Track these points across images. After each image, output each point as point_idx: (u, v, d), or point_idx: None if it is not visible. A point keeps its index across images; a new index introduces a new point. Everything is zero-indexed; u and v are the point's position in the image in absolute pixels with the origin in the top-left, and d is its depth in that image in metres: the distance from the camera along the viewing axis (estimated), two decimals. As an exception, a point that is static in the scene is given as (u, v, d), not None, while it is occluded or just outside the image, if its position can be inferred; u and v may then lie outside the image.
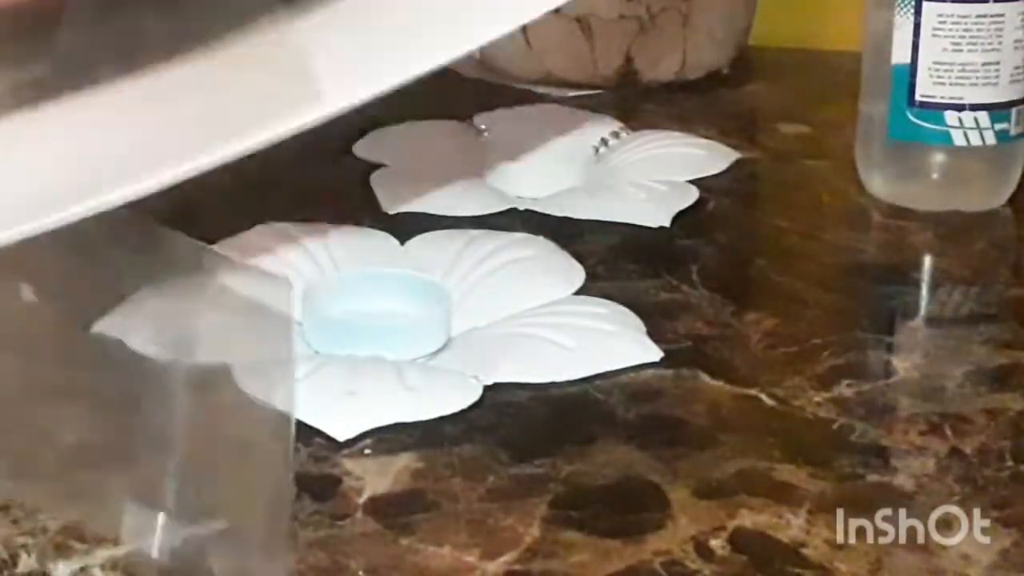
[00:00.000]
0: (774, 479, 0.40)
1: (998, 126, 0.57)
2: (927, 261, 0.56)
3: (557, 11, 0.74)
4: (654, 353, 0.46)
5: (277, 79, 0.38)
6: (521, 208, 0.57)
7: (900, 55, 0.57)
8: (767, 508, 0.38)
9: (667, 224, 0.56)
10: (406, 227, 0.56)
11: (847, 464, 0.40)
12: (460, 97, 0.75)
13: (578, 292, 0.50)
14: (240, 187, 0.63)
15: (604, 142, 0.65)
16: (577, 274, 0.51)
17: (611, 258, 0.54)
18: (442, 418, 0.42)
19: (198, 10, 0.38)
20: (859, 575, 0.35)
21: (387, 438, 0.41)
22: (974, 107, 0.57)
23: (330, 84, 0.36)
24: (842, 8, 0.78)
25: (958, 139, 0.57)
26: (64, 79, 0.36)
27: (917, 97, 0.57)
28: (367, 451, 0.41)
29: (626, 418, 0.43)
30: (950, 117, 0.57)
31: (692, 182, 0.60)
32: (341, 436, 0.41)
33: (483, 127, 0.66)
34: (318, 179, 0.63)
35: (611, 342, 0.46)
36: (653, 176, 0.60)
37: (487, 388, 0.44)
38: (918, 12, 0.56)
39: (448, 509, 0.38)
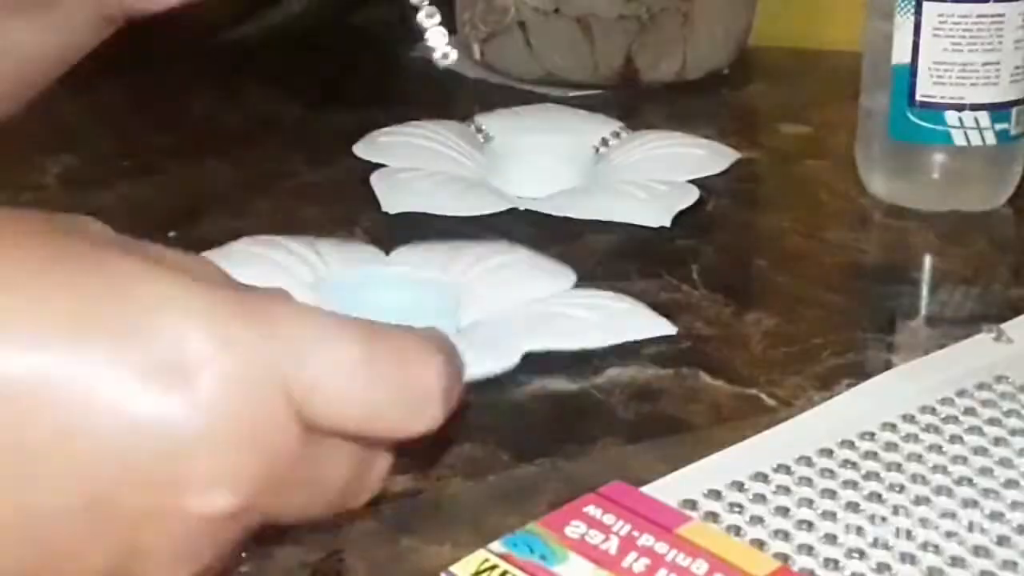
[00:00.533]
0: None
1: (998, 126, 0.57)
2: (927, 261, 0.56)
3: (557, 10, 0.75)
4: (668, 327, 0.48)
5: None
6: (521, 208, 0.57)
7: (900, 55, 0.57)
8: (767, 508, 0.38)
9: (667, 224, 0.56)
10: (406, 227, 0.56)
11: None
12: (460, 97, 0.75)
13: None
14: (240, 187, 0.63)
15: (604, 142, 0.65)
16: (568, 274, 0.51)
17: (611, 258, 0.54)
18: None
19: None
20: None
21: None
22: (974, 107, 0.57)
23: None
24: (842, 8, 0.78)
25: (958, 139, 0.57)
26: None
27: (917, 97, 0.57)
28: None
29: (626, 418, 0.43)
30: (950, 117, 0.57)
31: (692, 182, 0.60)
32: None
33: (483, 127, 0.66)
34: (318, 179, 0.63)
35: (628, 317, 0.48)
36: (653, 176, 0.60)
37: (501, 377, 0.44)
38: (918, 12, 0.56)
39: (448, 508, 0.38)
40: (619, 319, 0.48)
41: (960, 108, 0.57)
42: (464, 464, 0.40)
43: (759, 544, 0.35)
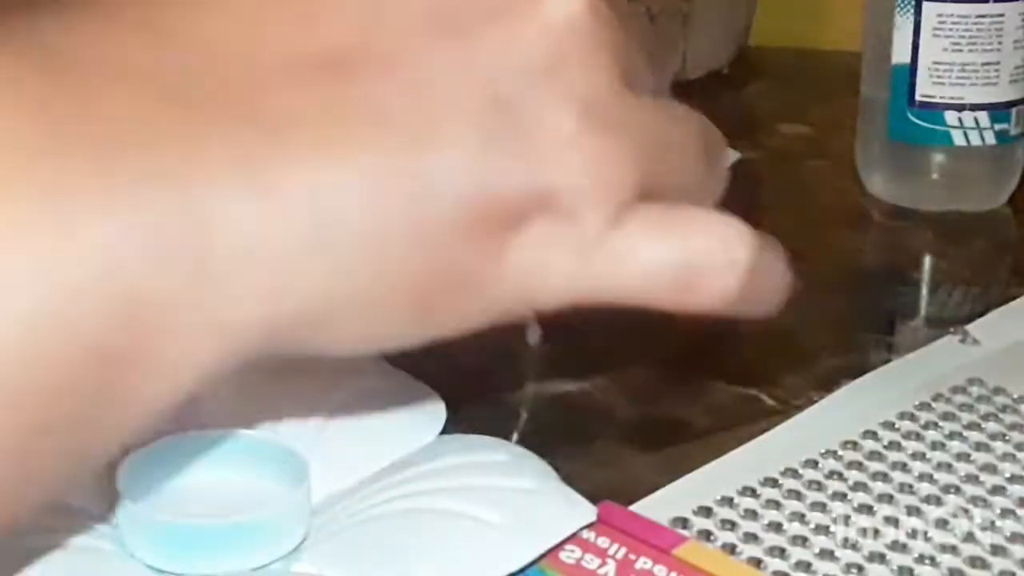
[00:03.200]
0: (774, 479, 0.39)
1: (998, 126, 0.57)
2: (927, 261, 0.56)
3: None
4: (588, 512, 0.35)
5: None
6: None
7: (900, 55, 0.57)
8: (767, 508, 0.38)
9: (667, 224, 0.56)
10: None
11: (847, 464, 0.40)
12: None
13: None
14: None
15: (604, 142, 0.65)
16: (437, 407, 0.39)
17: (611, 258, 0.54)
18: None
19: None
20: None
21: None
22: (974, 107, 0.57)
23: None
24: (842, 8, 0.78)
25: (958, 139, 0.57)
26: None
27: (917, 97, 0.57)
28: None
29: (626, 418, 0.43)
30: (950, 117, 0.57)
31: (692, 182, 0.60)
32: None
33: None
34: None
35: (534, 508, 0.35)
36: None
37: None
38: (918, 12, 0.56)
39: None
40: (522, 513, 0.34)
41: (960, 108, 0.57)
42: (464, 464, 0.40)
43: (756, 563, 0.35)
